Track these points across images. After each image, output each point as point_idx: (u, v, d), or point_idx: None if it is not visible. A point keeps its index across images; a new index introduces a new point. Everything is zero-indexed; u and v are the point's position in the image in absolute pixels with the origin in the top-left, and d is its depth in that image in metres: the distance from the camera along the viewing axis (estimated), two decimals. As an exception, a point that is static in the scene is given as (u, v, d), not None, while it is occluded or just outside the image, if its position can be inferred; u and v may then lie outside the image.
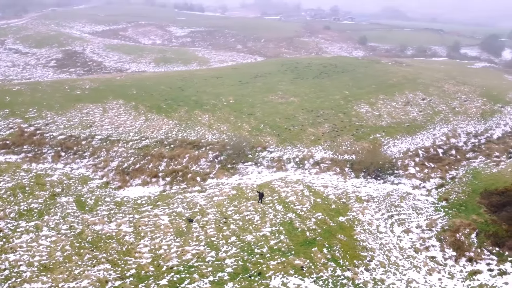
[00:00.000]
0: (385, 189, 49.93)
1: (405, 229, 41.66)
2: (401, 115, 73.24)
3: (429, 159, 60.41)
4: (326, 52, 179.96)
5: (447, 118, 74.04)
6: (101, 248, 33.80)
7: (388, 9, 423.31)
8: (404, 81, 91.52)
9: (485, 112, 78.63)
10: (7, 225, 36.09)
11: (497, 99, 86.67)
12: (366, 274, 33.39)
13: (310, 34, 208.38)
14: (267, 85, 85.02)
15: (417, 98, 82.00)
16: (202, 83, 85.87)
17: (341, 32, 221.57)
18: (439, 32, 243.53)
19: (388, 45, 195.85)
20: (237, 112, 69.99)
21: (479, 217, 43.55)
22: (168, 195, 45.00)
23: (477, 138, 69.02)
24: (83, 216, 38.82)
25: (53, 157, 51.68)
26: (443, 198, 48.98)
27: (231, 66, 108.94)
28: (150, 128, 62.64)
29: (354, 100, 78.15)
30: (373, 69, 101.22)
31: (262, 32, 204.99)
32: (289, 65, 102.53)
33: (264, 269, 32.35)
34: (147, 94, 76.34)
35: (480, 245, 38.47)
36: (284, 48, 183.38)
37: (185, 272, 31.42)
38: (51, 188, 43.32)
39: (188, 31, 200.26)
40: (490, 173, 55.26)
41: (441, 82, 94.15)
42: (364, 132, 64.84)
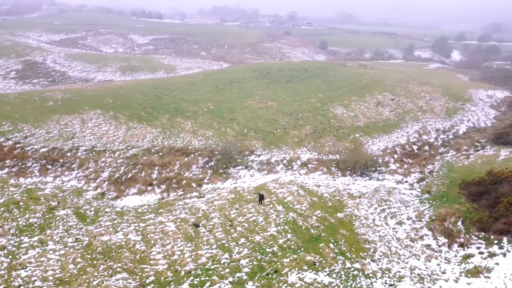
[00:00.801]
0: (372, 185, 52.59)
1: (398, 221, 44.28)
2: (375, 115, 76.97)
3: (406, 155, 64.09)
4: (289, 57, 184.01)
5: (417, 117, 78.65)
6: (114, 258, 33.59)
7: (341, 14, 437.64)
8: (372, 83, 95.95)
9: (449, 110, 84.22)
10: (9, 241, 34.97)
11: (458, 97, 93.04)
12: (373, 265, 35.41)
13: (272, 40, 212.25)
14: (243, 91, 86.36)
15: (386, 98, 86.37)
16: (179, 91, 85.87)
17: (302, 37, 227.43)
18: (393, 35, 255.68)
19: (348, 49, 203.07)
20: (219, 117, 70.75)
21: (461, 206, 47.02)
22: (168, 202, 45.08)
23: (445, 134, 73.87)
24: (86, 228, 38.24)
25: (40, 170, 50.14)
26: (426, 190, 52.30)
27: (203, 73, 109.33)
28: (134, 137, 62.09)
29: (329, 102, 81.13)
30: (342, 72, 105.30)
31: (224, 38, 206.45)
32: (260, 70, 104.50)
33: (279, 266, 33.52)
34: (124, 103, 75.45)
35: (467, 231, 41.66)
36: (248, 54, 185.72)
37: (204, 275, 31.97)
38: (47, 202, 42.23)
39: (150, 38, 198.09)
40: (463, 165, 59.55)
41: (405, 83, 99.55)
42: (344, 133, 67.66)
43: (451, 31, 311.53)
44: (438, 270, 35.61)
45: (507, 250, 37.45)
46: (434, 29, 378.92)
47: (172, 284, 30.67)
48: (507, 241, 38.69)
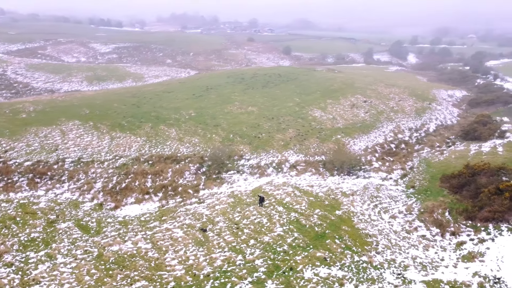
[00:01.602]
0: (361, 183, 54.98)
1: (391, 215, 46.69)
2: (352, 117, 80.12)
3: (386, 153, 67.33)
4: (255, 63, 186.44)
5: (390, 117, 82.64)
6: (129, 267, 33.40)
7: (299, 20, 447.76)
8: (344, 86, 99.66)
9: (418, 109, 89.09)
10: (15, 257, 33.90)
11: (424, 98, 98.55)
12: (378, 257, 37.34)
13: (237, 46, 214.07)
14: (221, 97, 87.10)
15: (359, 100, 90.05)
16: (156, 99, 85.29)
17: (265, 43, 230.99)
18: (352, 40, 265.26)
19: (311, 54, 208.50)
20: (202, 124, 71.12)
21: (445, 198, 50.23)
22: (169, 209, 45.06)
23: (418, 132, 78.18)
24: (93, 240, 37.66)
25: (28, 184, 48.58)
26: (410, 186, 55.33)
27: (177, 80, 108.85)
28: (120, 146, 61.26)
29: (306, 106, 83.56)
30: (313, 76, 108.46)
31: (189, 45, 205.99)
32: (234, 77, 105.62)
33: (293, 264, 34.67)
34: (102, 113, 74.14)
35: (455, 220, 44.67)
36: (214, 60, 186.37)
37: (222, 277, 32.53)
38: (45, 216, 41.11)
39: (113, 47, 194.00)
40: (439, 161, 63.46)
41: (373, 85, 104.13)
42: (326, 134, 70.05)
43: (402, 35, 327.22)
44: (437, 258, 38.09)
45: (494, 236, 40.59)
46: (387, 33, 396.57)
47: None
48: (493, 227, 41.90)
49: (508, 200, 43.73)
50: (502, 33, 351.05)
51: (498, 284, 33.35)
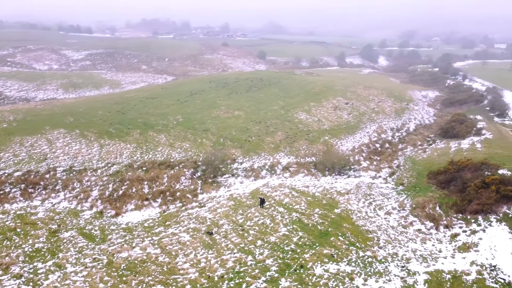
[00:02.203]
0: (353, 182, 56.76)
1: (386, 211, 48.51)
2: (336, 119, 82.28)
3: (372, 153, 69.61)
4: (232, 68, 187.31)
5: (372, 118, 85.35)
6: (142, 272, 33.44)
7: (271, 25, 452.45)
8: (324, 89, 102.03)
9: (397, 110, 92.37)
10: (23, 269, 33.31)
11: (401, 99, 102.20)
12: (381, 251, 38.88)
13: (212, 52, 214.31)
14: (206, 102, 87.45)
15: (341, 103, 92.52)
16: (141, 105, 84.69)
17: (240, 48, 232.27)
18: (324, 44, 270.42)
19: (285, 58, 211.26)
20: (191, 129, 71.29)
21: (434, 193, 52.60)
22: (171, 214, 45.18)
23: (399, 132, 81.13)
24: (99, 247, 37.40)
25: (22, 194, 47.58)
26: (399, 183, 57.55)
27: (159, 86, 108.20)
28: (110, 154, 60.69)
29: (291, 109, 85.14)
30: (294, 80, 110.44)
31: (163, 51, 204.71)
32: (217, 82, 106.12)
33: (303, 262, 35.65)
34: (87, 121, 73.14)
35: (447, 214, 46.94)
36: (190, 66, 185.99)
37: (236, 277, 33.12)
38: (46, 226, 40.44)
39: (86, 53, 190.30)
40: (423, 158, 66.22)
41: (352, 87, 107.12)
42: (314, 136, 71.68)
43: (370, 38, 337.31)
44: (435, 250, 40.01)
45: (485, 227, 42.98)
46: (355, 37, 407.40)
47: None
48: (482, 219, 44.34)
49: (494, 193, 46.38)
50: (464, 36, 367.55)
51: (495, 271, 35.47)
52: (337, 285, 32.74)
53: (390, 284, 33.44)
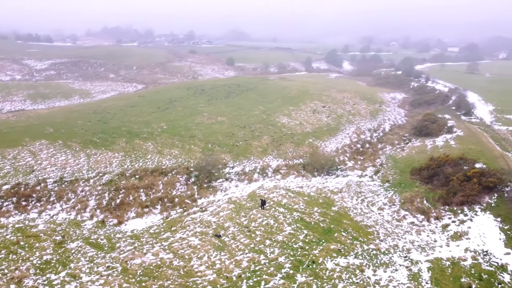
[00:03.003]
0: (343, 182, 59.06)
1: (378, 207, 50.98)
2: (316, 121, 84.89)
3: (355, 153, 72.51)
4: (201, 75, 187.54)
5: (350, 120, 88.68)
6: (159, 277, 33.66)
7: (234, 31, 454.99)
8: (300, 94, 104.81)
9: (372, 112, 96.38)
10: (37, 281, 32.68)
11: (373, 101, 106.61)
12: (383, 244, 41.03)
13: (180, 59, 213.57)
14: (188, 109, 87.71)
15: (318, 106, 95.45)
16: (121, 114, 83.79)
17: (207, 55, 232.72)
18: (289, 50, 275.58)
19: (254, 64, 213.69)
20: (178, 136, 71.46)
21: (419, 188, 55.78)
22: (175, 220, 45.41)
23: (377, 132, 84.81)
24: (110, 255, 37.21)
25: (16, 208, 46.38)
26: (385, 180, 60.43)
27: (136, 94, 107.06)
28: (99, 163, 59.99)
29: (272, 113, 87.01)
30: (270, 85, 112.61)
31: (130, 59, 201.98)
32: (194, 88, 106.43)
33: (314, 258, 37.11)
34: (69, 131, 71.85)
35: (435, 207, 49.98)
36: (160, 73, 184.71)
37: (254, 276, 34.08)
38: (50, 238, 39.70)
39: (49, 63, 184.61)
40: (403, 157, 69.76)
41: (326, 91, 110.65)
42: (299, 139, 73.75)
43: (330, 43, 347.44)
44: (431, 240, 42.68)
45: (471, 216, 46.25)
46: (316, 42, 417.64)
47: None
48: (468, 209, 47.66)
49: (477, 185, 49.96)
50: (420, 40, 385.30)
51: (487, 255, 38.43)
52: (350, 277, 34.44)
53: (398, 273, 35.54)
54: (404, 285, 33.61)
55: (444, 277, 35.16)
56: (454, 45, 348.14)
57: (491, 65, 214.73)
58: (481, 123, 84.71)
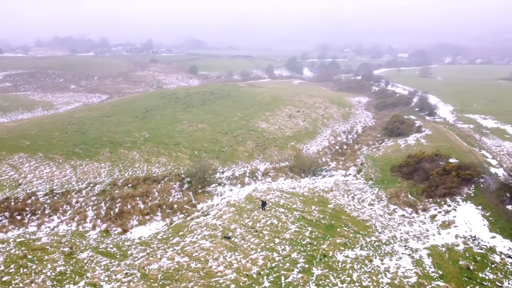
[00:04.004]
0: (330, 181, 61.78)
1: (368, 203, 53.99)
2: (294, 126, 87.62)
3: (336, 154, 75.74)
4: (166, 84, 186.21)
5: (325, 123, 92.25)
6: (181, 279, 34.17)
7: (191, 40, 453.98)
8: (273, 100, 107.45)
9: (343, 115, 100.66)
10: (57, 292, 32.35)
11: (343, 105, 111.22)
12: (382, 236, 43.75)
13: (142, 68, 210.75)
14: (166, 117, 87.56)
15: (293, 111, 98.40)
16: (98, 124, 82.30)
17: (169, 64, 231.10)
18: (249, 57, 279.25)
19: (217, 72, 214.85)
20: (162, 144, 71.39)
21: (401, 184, 59.57)
22: (180, 225, 45.76)
23: (351, 134, 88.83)
24: (125, 263, 37.18)
25: (12, 222, 44.88)
26: (368, 178, 63.85)
27: (109, 104, 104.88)
28: (87, 174, 58.98)
29: (250, 119, 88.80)
30: (243, 92, 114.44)
31: (89, 69, 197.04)
32: (168, 97, 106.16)
33: (324, 252, 39.05)
34: (47, 143, 69.93)
35: (420, 200, 53.67)
36: (123, 83, 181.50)
37: (273, 272, 35.45)
38: (57, 250, 38.94)
39: (3, 74, 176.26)
40: (380, 156, 73.84)
41: (297, 97, 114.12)
42: (282, 143, 75.95)
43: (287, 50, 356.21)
44: (423, 230, 46.01)
45: (454, 206, 50.25)
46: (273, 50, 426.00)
47: (255, 285, 33.46)
48: (450, 200, 51.70)
49: (456, 177, 54.29)
50: (372, 47, 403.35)
51: (476, 240, 42.15)
52: (361, 267, 36.70)
53: (403, 261, 38.26)
54: (411, 271, 36.30)
55: (444, 261, 38.29)
56: (403, 51, 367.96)
57: (440, 69, 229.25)
58: (445, 122, 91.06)
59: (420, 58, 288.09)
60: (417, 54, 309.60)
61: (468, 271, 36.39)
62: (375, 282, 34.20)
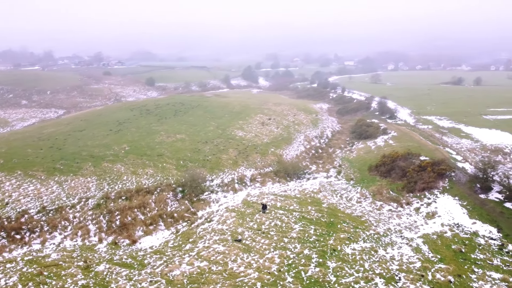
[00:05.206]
0: (316, 183, 65.08)
1: (356, 201, 57.77)
2: (269, 133, 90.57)
3: (313, 158, 79.45)
4: (124, 96, 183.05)
5: (297, 129, 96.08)
6: (207, 282, 35.22)
7: (139, 52, 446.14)
8: (243, 108, 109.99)
9: (312, 121, 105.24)
10: (87, 304, 32.40)
11: (309, 111, 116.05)
12: (379, 229, 47.31)
13: (97, 81, 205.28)
14: (142, 129, 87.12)
15: (264, 119, 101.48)
16: (72, 139, 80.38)
17: (124, 76, 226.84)
18: (204, 68, 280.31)
19: (174, 84, 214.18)
20: (145, 156, 71.35)
21: (381, 182, 64.14)
22: (187, 232, 46.58)
23: (323, 139, 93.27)
24: (145, 271, 37.62)
25: (12, 241, 43.65)
26: (349, 178, 67.97)
27: (80, 118, 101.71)
28: (76, 189, 58.04)
29: (225, 128, 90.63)
30: (212, 102, 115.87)
31: (41, 84, 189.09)
32: (138, 109, 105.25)
33: (332, 247, 41.80)
34: (23, 161, 67.73)
35: (402, 195, 58.26)
36: (79, 97, 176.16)
37: (292, 268, 37.52)
38: (72, 264, 38.51)
39: None
40: (354, 157, 78.55)
41: (264, 105, 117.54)
42: (262, 149, 78.47)
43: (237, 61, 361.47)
44: (412, 221, 50.26)
45: (434, 198, 55.19)
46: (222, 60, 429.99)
47: (279, 281, 35.42)
48: (429, 194, 56.68)
49: (432, 173, 59.57)
50: (320, 56, 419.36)
51: (460, 227, 46.90)
52: (369, 257, 39.85)
53: (404, 249, 41.93)
54: (414, 257, 40.01)
55: (438, 247, 42.43)
56: (349, 59, 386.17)
57: (387, 76, 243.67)
58: (406, 124, 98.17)
59: (366, 65, 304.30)
60: (363, 62, 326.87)
61: (461, 254, 40.70)
62: (386, 269, 37.43)
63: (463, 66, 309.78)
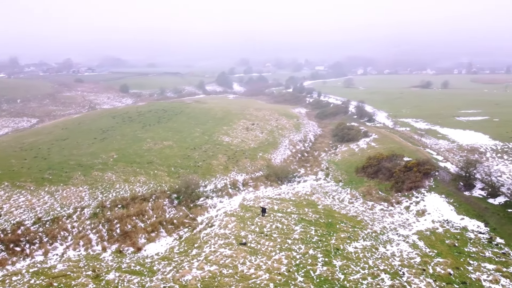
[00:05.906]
0: (307, 186, 66.81)
1: (348, 201, 59.83)
2: (255, 138, 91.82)
3: (300, 161, 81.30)
4: (98, 104, 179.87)
5: (281, 133, 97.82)
6: (221, 285, 35.85)
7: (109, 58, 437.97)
8: (225, 114, 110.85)
9: (295, 125, 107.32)
10: (105, 312, 32.46)
11: (290, 116, 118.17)
12: (375, 228, 49.34)
13: (69, 89, 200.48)
14: (127, 136, 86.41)
15: (248, 124, 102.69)
16: (57, 148, 78.86)
17: (96, 83, 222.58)
18: (178, 74, 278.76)
19: (149, 90, 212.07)
20: (134, 163, 71.00)
21: (369, 183, 66.63)
22: (190, 238, 46.98)
23: (306, 143, 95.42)
24: (157, 278, 37.89)
25: (12, 254, 42.77)
26: (338, 180, 70.15)
27: (60, 127, 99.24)
28: (69, 199, 57.25)
29: (211, 133, 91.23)
30: (194, 108, 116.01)
31: (10, 92, 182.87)
32: (120, 117, 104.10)
33: (335, 246, 43.42)
34: (8, 171, 66.17)
35: (391, 195, 60.77)
36: (51, 105, 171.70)
37: (300, 268, 38.78)
38: (80, 274, 38.27)
39: None
40: (339, 160, 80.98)
41: (245, 110, 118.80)
42: (251, 154, 79.58)
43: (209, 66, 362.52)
44: (404, 219, 52.67)
45: (422, 197, 57.96)
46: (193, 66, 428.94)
47: (290, 281, 36.61)
48: (416, 193, 59.46)
49: (418, 173, 62.51)
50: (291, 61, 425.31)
51: (450, 223, 49.66)
52: (371, 254, 41.71)
53: (402, 246, 44.07)
54: (413, 253, 42.19)
55: (433, 242, 44.84)
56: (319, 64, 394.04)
57: (358, 80, 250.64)
58: (385, 126, 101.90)
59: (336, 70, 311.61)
60: (333, 67, 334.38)
61: (456, 248, 43.22)
62: (389, 265, 39.36)
63: (428, 70, 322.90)
